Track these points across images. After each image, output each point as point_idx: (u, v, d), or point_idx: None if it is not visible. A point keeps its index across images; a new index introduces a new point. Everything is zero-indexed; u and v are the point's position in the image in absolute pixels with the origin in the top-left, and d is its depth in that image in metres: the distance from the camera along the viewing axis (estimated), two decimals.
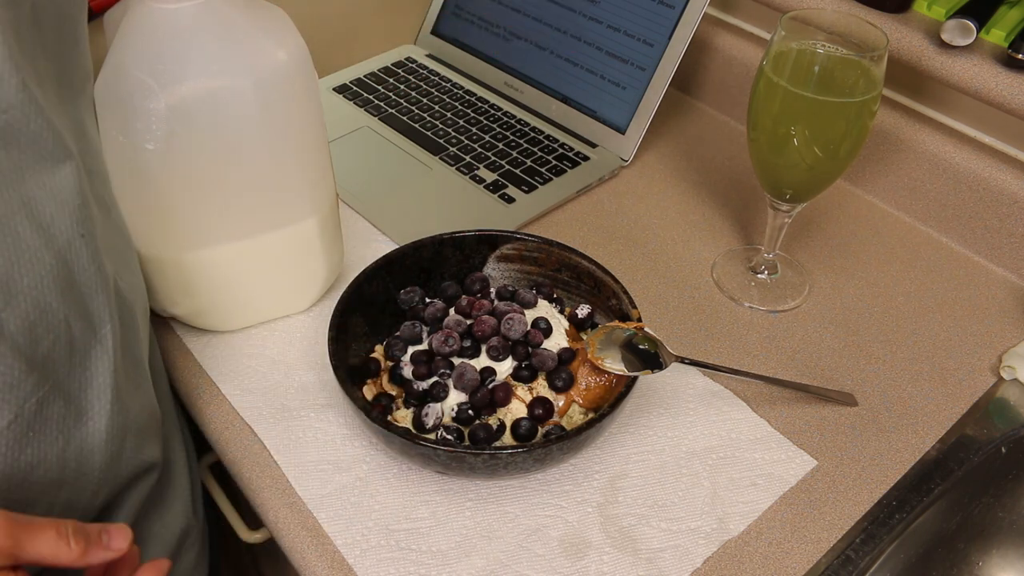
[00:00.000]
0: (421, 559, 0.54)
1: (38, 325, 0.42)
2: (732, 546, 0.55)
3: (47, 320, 0.43)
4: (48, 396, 0.44)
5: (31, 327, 0.42)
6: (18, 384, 0.42)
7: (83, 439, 0.47)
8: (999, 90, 0.70)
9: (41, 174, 0.42)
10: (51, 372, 0.44)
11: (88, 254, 0.45)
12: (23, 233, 0.41)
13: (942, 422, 0.63)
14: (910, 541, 0.59)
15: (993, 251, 0.76)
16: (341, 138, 0.87)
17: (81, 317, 0.45)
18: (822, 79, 0.61)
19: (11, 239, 0.40)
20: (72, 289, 0.44)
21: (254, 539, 0.64)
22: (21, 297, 0.41)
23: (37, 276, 0.42)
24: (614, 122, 0.86)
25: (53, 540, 0.38)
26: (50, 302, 0.43)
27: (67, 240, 0.44)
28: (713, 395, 0.64)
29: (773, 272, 0.74)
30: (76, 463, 0.47)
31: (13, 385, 0.42)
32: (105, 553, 0.40)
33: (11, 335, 0.41)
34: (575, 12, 0.87)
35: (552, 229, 0.78)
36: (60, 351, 0.44)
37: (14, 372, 0.42)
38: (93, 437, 0.48)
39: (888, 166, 0.81)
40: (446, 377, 0.58)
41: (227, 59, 0.53)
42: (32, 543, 0.37)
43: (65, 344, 0.44)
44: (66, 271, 0.44)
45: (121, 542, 0.41)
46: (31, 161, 0.41)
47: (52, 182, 0.42)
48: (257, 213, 0.61)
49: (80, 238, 0.44)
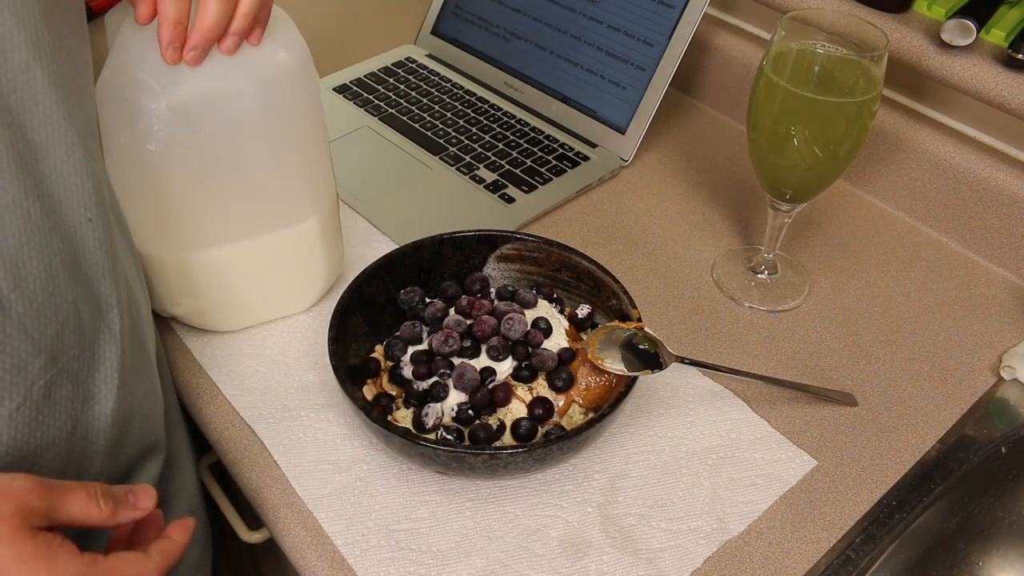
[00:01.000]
0: (421, 559, 0.54)
1: (46, 307, 0.43)
2: (732, 546, 0.55)
3: (55, 303, 0.43)
4: (56, 379, 0.44)
5: (39, 309, 0.42)
6: (26, 366, 0.42)
7: (89, 423, 0.48)
8: (999, 90, 0.70)
9: (53, 156, 0.42)
10: (59, 355, 0.44)
11: (95, 239, 0.45)
12: (34, 215, 0.41)
13: (942, 422, 0.63)
14: (910, 541, 0.59)
15: (993, 251, 0.76)
16: (341, 138, 0.87)
17: (89, 301, 0.46)
18: (822, 79, 0.61)
19: (22, 220, 0.40)
20: (79, 273, 0.45)
21: (254, 539, 0.64)
22: (30, 279, 0.41)
23: (46, 259, 0.42)
24: (614, 122, 0.86)
25: (84, 501, 0.40)
26: (59, 284, 0.43)
27: (74, 224, 0.44)
28: (713, 395, 0.64)
29: (773, 272, 0.74)
30: (82, 446, 0.47)
31: (21, 367, 0.42)
32: (133, 512, 0.42)
33: (19, 317, 0.41)
34: (575, 12, 0.87)
35: (552, 229, 0.78)
36: (69, 334, 0.44)
37: (21, 354, 0.42)
38: (99, 421, 0.48)
39: (888, 166, 0.81)
40: (446, 377, 0.58)
41: (228, 59, 0.53)
42: (65, 505, 0.39)
43: (74, 327, 0.45)
44: (73, 255, 0.44)
45: (147, 501, 0.43)
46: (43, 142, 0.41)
47: (64, 165, 0.43)
48: (258, 213, 0.61)
49: (88, 222, 0.44)
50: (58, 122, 0.42)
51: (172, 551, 0.44)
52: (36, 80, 0.40)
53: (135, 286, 0.54)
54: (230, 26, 0.50)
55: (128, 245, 0.56)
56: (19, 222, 0.40)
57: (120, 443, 0.51)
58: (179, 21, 0.49)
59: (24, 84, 0.40)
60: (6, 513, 0.37)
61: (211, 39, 0.50)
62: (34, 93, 0.40)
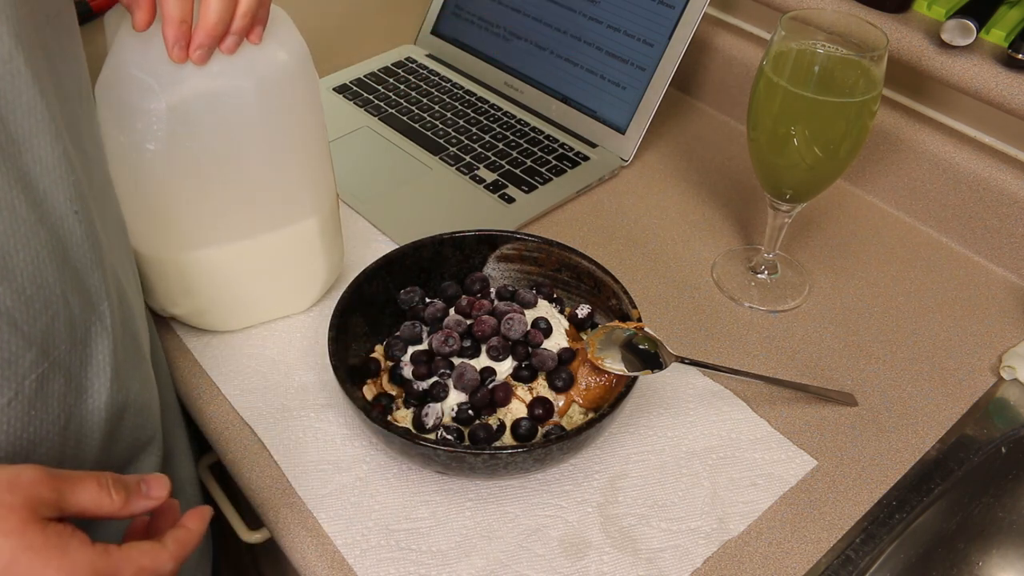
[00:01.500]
0: (421, 559, 0.54)
1: (35, 300, 0.42)
2: (732, 546, 0.55)
3: (44, 295, 0.43)
4: (48, 373, 0.44)
5: (28, 302, 0.42)
6: (16, 360, 0.42)
7: (83, 417, 0.47)
8: (999, 90, 0.70)
9: (37, 148, 0.41)
10: (51, 348, 0.44)
11: (82, 231, 0.45)
12: (19, 207, 0.40)
13: (942, 422, 0.63)
14: (910, 541, 0.59)
15: (993, 251, 0.76)
16: (341, 138, 0.87)
17: (79, 293, 0.45)
18: (822, 79, 0.61)
19: (7, 212, 0.40)
20: (68, 265, 0.44)
21: (254, 539, 0.64)
22: (17, 272, 0.41)
23: (33, 251, 0.41)
24: (614, 122, 0.86)
25: (95, 491, 0.39)
26: (47, 277, 0.42)
27: (60, 216, 0.43)
28: (713, 395, 0.64)
29: (773, 272, 0.74)
30: (76, 441, 0.47)
31: (11, 361, 0.41)
32: (146, 502, 0.41)
33: (7, 310, 0.41)
34: (575, 12, 0.87)
35: (552, 229, 0.78)
36: (59, 327, 0.44)
37: (12, 348, 0.41)
38: (93, 415, 0.48)
39: (888, 166, 0.81)
40: (446, 377, 0.58)
41: (227, 59, 0.53)
42: (75, 495, 0.39)
43: (64, 320, 0.44)
44: (61, 247, 0.44)
45: (160, 490, 0.42)
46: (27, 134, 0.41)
47: (47, 157, 0.42)
48: (257, 213, 0.61)
49: (74, 215, 0.44)
50: (41, 113, 0.41)
51: (188, 540, 0.43)
52: (19, 71, 0.40)
53: (126, 280, 0.53)
54: (230, 25, 0.50)
55: (121, 239, 0.56)
56: (3, 214, 0.40)
57: (114, 437, 0.51)
58: (184, 20, 0.49)
59: (7, 75, 0.39)
60: (15, 504, 0.36)
61: (216, 36, 0.50)
62: (17, 84, 0.40)
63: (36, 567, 0.37)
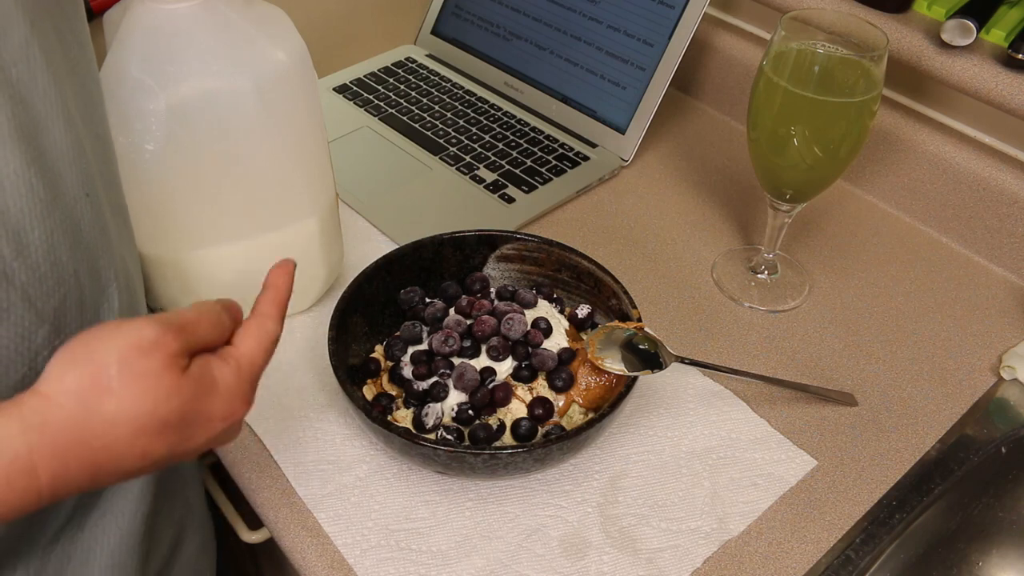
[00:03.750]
0: (421, 559, 0.54)
1: (49, 277, 0.43)
2: (732, 546, 0.55)
3: (58, 273, 0.43)
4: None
5: (42, 279, 0.42)
6: (30, 336, 0.42)
7: None
8: (999, 90, 0.70)
9: (52, 131, 0.42)
10: (63, 326, 0.44)
11: (92, 214, 0.46)
12: (36, 186, 0.41)
13: (942, 422, 0.63)
14: (910, 541, 0.59)
15: (993, 251, 0.76)
16: (341, 138, 0.87)
17: (90, 274, 0.46)
18: (822, 79, 0.61)
19: (25, 190, 0.41)
20: (80, 246, 0.45)
21: (254, 539, 0.64)
22: (32, 248, 0.42)
23: (48, 229, 0.42)
24: (614, 122, 0.86)
25: (209, 328, 0.42)
26: (60, 256, 0.43)
27: (74, 197, 0.44)
28: (713, 395, 0.64)
29: (773, 272, 0.74)
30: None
31: (25, 336, 0.42)
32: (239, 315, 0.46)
33: (22, 285, 0.41)
34: (575, 12, 0.87)
35: (552, 229, 0.78)
36: (71, 306, 0.45)
37: (25, 323, 0.42)
38: None
39: (888, 166, 0.81)
40: (446, 377, 0.58)
41: (226, 59, 0.53)
42: (196, 336, 0.41)
43: (76, 300, 0.45)
44: (74, 228, 0.44)
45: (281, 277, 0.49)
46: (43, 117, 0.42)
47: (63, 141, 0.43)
48: (257, 213, 0.61)
49: (85, 197, 0.45)
50: (55, 98, 0.42)
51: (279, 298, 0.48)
52: (35, 56, 0.41)
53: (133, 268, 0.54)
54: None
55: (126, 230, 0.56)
56: (21, 191, 0.41)
57: None
58: None
59: (24, 59, 0.40)
60: (157, 369, 0.38)
61: None
62: (33, 68, 0.41)
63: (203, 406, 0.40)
